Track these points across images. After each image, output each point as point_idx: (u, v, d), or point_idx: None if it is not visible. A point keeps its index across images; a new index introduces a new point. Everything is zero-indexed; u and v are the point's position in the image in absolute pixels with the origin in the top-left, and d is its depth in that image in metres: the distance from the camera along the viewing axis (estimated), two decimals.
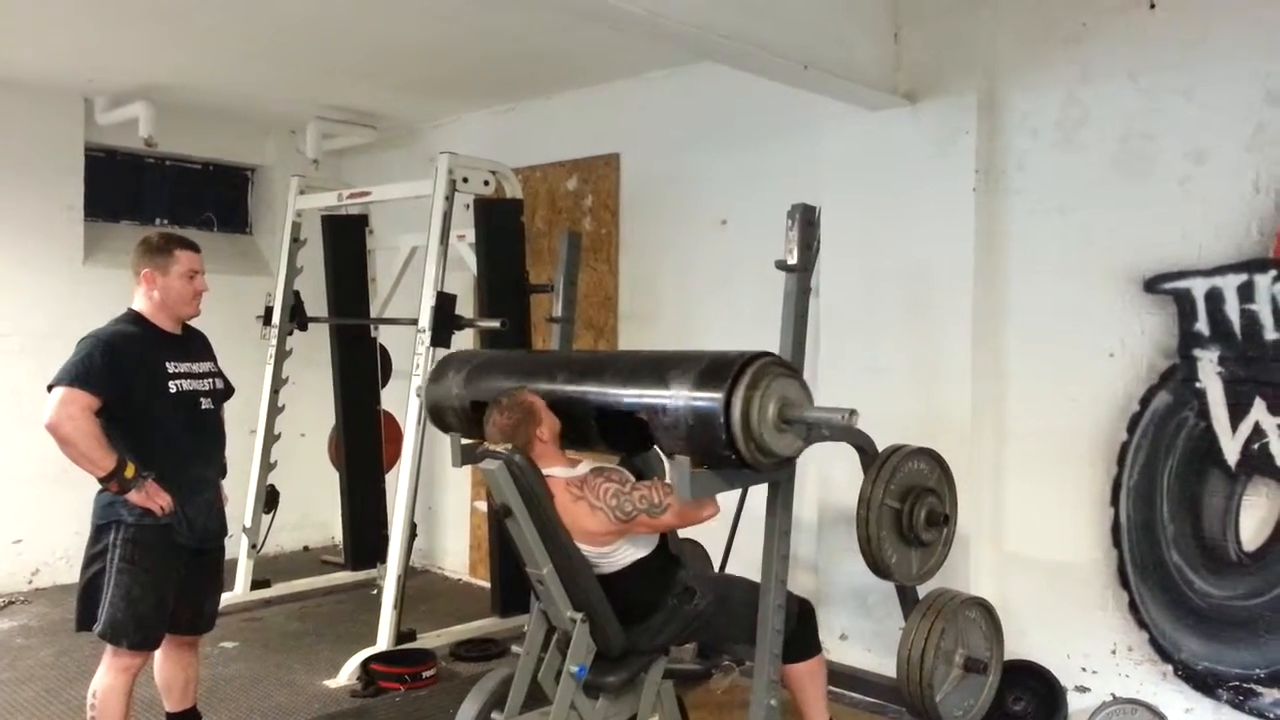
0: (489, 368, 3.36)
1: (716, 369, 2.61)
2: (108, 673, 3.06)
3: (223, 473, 3.33)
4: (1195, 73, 3.37)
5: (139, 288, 3.16)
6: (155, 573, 3.02)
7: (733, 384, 2.55)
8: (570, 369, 3.11)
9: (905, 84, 3.95)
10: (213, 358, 3.34)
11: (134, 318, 3.15)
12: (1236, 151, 3.29)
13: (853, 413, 2.61)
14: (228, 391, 3.38)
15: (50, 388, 2.92)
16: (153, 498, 2.97)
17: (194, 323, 3.29)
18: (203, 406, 3.19)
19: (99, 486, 2.99)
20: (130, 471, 2.93)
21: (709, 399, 2.57)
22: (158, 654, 3.20)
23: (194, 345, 3.27)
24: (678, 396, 2.63)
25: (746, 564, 3.45)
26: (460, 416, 3.36)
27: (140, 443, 3.00)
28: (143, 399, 3.02)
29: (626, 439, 2.95)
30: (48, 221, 5.81)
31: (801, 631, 3.08)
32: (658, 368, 2.75)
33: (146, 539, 3.00)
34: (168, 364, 3.09)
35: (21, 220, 5.71)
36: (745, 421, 2.55)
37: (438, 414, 3.48)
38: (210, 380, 3.25)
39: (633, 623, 2.96)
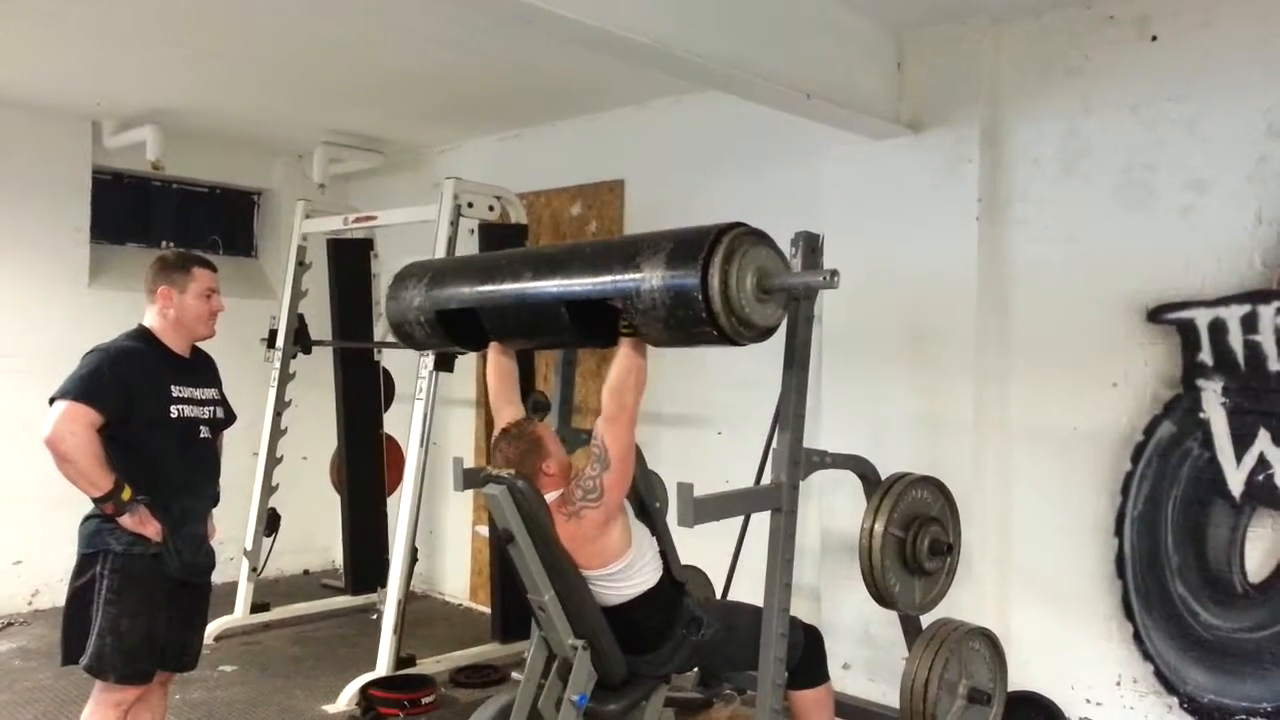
0: (450, 274, 3.19)
1: (689, 245, 2.51)
2: (97, 709, 2.94)
3: (215, 501, 3.22)
4: (1197, 105, 3.39)
5: (153, 305, 3.07)
6: (144, 604, 2.90)
7: (708, 258, 2.45)
8: (535, 265, 2.94)
9: (908, 113, 3.97)
10: (218, 384, 3.24)
11: (144, 335, 3.06)
12: (1239, 183, 3.30)
13: (834, 273, 2.56)
14: (228, 420, 3.27)
15: (53, 400, 2.82)
16: (144, 524, 2.87)
17: (203, 345, 3.22)
18: (201, 435, 3.09)
19: (87, 512, 2.91)
20: (127, 494, 2.83)
21: (685, 277, 2.47)
22: None
23: (201, 370, 3.18)
24: (652, 278, 2.53)
25: (748, 593, 3.44)
26: (426, 329, 3.21)
27: (132, 466, 2.88)
28: (143, 421, 2.92)
29: (600, 329, 2.83)
30: (54, 243, 5.84)
31: (809, 659, 3.05)
32: (626, 252, 2.64)
33: (135, 569, 2.88)
34: (173, 387, 3.00)
35: (27, 241, 5.74)
36: (724, 295, 2.46)
37: (402, 330, 3.32)
38: (212, 408, 3.14)
39: (639, 652, 2.94)
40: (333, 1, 3.92)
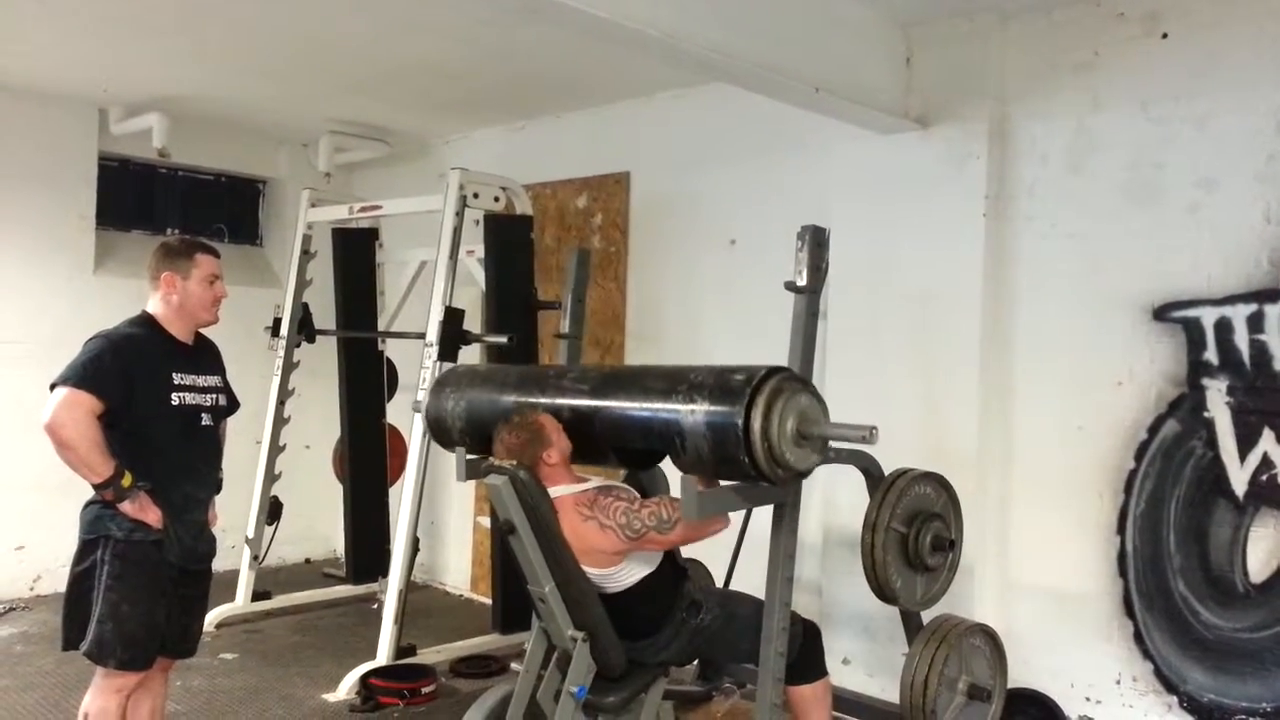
0: (491, 388, 3.29)
1: (732, 387, 2.60)
2: (99, 694, 2.94)
3: (217, 488, 3.21)
4: (1207, 102, 3.38)
5: (156, 292, 3.06)
6: (144, 590, 2.89)
7: (750, 402, 2.54)
8: (574, 392, 3.04)
9: (916, 108, 3.96)
10: (221, 371, 3.23)
11: (147, 321, 3.05)
12: (1247, 181, 3.29)
13: (873, 430, 2.61)
14: (231, 407, 3.28)
15: (53, 386, 2.81)
16: (145, 510, 2.87)
17: (206, 332, 3.21)
18: (202, 423, 3.08)
19: (88, 498, 2.91)
20: (127, 481, 2.82)
21: (727, 419, 2.56)
22: None
23: (204, 357, 3.17)
24: (695, 415, 2.63)
25: (749, 586, 3.43)
26: (464, 436, 3.33)
27: (133, 453, 2.87)
28: (144, 408, 2.91)
29: (640, 457, 2.93)
30: (60, 230, 5.85)
31: (807, 654, 3.05)
32: (670, 388, 2.73)
33: (136, 555, 2.88)
34: (174, 375, 2.99)
35: (34, 228, 5.74)
36: (765, 439, 2.55)
37: (442, 436, 3.44)
38: (214, 396, 3.13)
39: (638, 637, 2.94)
40: None
